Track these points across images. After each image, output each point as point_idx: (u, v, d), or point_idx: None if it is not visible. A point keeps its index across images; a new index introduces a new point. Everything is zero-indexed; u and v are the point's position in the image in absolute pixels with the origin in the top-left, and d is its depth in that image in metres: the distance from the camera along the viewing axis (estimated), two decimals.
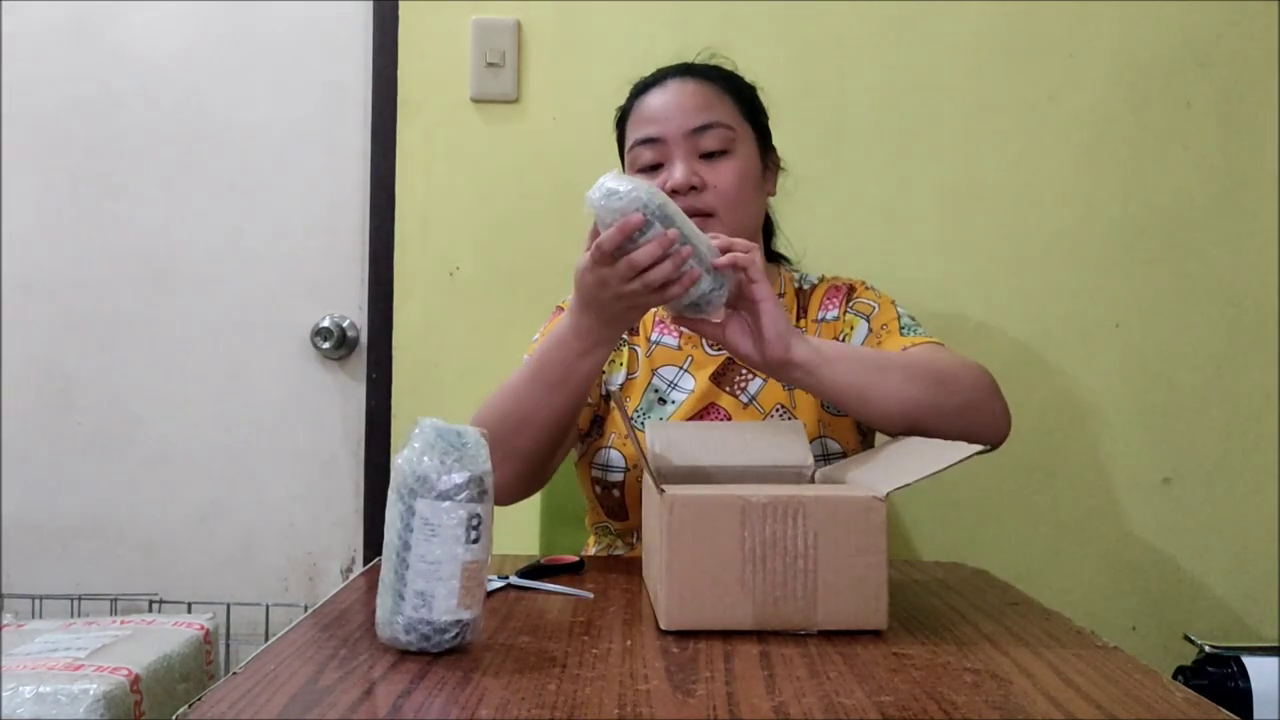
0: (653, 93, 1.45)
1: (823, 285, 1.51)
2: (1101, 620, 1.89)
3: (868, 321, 1.43)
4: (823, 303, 1.48)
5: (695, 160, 1.40)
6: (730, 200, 1.39)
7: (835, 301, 1.48)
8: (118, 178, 2.05)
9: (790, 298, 1.50)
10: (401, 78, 1.98)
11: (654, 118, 1.42)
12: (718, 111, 1.42)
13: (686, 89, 1.43)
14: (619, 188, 1.09)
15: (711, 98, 1.43)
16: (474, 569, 0.87)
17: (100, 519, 2.05)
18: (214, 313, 2.05)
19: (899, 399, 1.21)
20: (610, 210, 1.09)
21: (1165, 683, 0.85)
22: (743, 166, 1.42)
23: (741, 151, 1.42)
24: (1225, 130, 1.93)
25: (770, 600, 0.96)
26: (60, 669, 1.49)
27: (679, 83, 1.44)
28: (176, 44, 2.05)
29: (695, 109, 1.41)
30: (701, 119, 1.41)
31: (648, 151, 1.42)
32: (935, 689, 0.82)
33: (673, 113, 1.41)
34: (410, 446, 0.88)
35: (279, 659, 0.87)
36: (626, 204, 1.09)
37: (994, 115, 1.94)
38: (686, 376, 1.45)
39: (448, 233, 1.97)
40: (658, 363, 1.46)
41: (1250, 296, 1.93)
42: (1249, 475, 1.93)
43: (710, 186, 1.39)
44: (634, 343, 1.50)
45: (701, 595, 0.95)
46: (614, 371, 1.48)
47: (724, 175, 1.40)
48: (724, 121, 1.41)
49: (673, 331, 1.49)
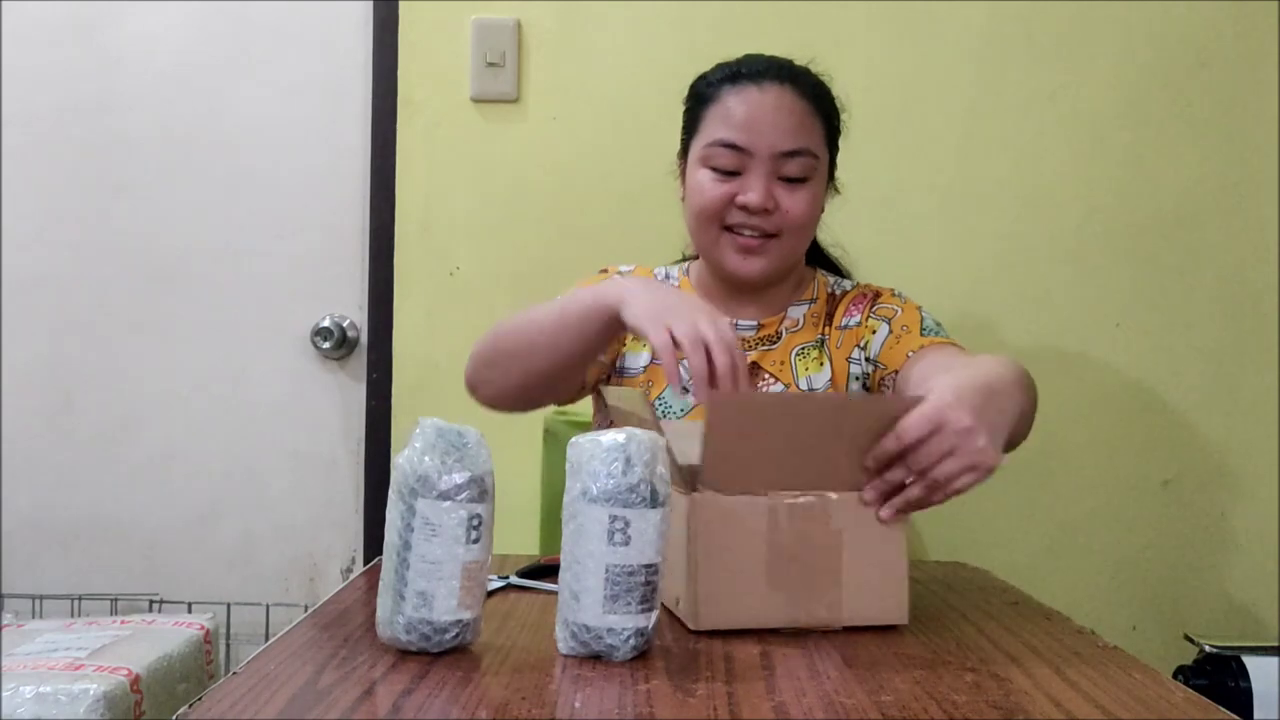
0: (749, 91, 1.39)
1: (852, 292, 1.50)
2: (1101, 620, 1.89)
3: (888, 324, 1.42)
4: (847, 309, 1.48)
5: (774, 182, 1.37)
6: (796, 227, 1.39)
7: (859, 308, 1.47)
8: (118, 178, 2.05)
9: (822, 304, 1.49)
10: (401, 78, 1.98)
11: (746, 125, 1.37)
12: (808, 137, 1.39)
13: (785, 101, 1.38)
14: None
15: (805, 118, 1.39)
16: (474, 569, 0.87)
17: (100, 519, 2.05)
18: (214, 313, 2.05)
19: (1020, 413, 1.17)
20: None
21: (1165, 683, 0.86)
22: (816, 195, 1.41)
23: (817, 180, 1.41)
24: (1225, 130, 1.93)
25: (796, 598, 0.97)
26: (60, 669, 1.49)
27: (779, 90, 1.39)
28: (176, 44, 2.05)
29: (790, 130, 1.37)
30: (793, 143, 1.37)
31: (728, 156, 1.37)
32: (935, 689, 0.82)
33: (767, 128, 1.37)
34: (411, 446, 0.88)
35: (279, 659, 0.87)
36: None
37: (994, 115, 1.94)
38: None
39: (448, 233, 1.97)
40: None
41: (1250, 296, 1.93)
42: (1249, 475, 1.93)
43: (782, 211, 1.38)
44: None
45: (730, 595, 0.96)
46: (635, 350, 1.46)
47: (798, 203, 1.38)
48: (812, 150, 1.39)
49: None
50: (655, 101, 1.93)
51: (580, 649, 0.88)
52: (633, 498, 0.86)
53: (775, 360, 1.44)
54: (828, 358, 1.45)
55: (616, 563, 0.86)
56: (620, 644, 0.87)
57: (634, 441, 0.87)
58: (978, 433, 1.00)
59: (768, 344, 1.45)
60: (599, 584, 0.86)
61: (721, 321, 1.12)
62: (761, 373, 1.44)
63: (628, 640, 0.87)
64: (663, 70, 1.94)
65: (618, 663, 0.87)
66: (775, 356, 1.45)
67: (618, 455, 0.87)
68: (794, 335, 1.46)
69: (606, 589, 0.86)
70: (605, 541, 0.86)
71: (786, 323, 1.46)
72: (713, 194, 1.38)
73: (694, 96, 1.46)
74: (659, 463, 0.88)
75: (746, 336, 1.46)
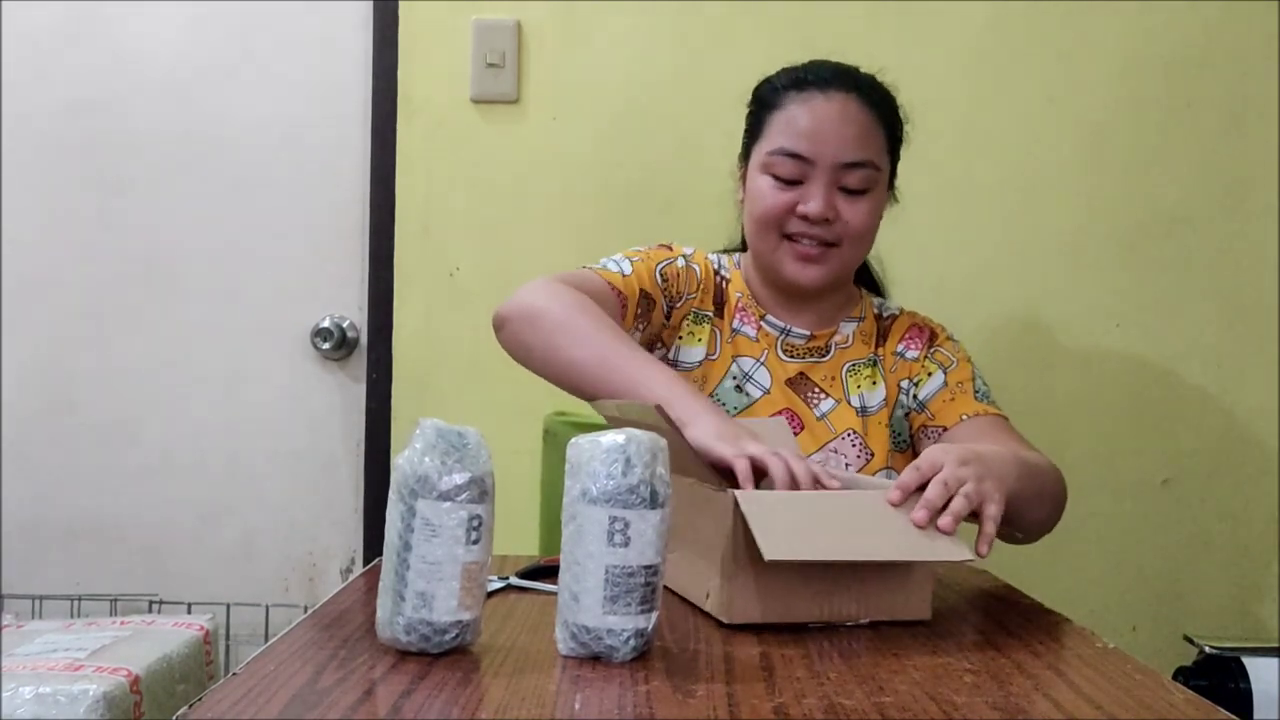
0: (814, 99, 1.39)
1: (904, 318, 1.51)
2: (1101, 620, 1.89)
3: (944, 374, 1.45)
4: (904, 338, 1.49)
5: (835, 192, 1.38)
6: (856, 237, 1.40)
7: (917, 343, 1.48)
8: (118, 178, 2.05)
9: (870, 322, 1.50)
10: (401, 78, 1.97)
11: (809, 134, 1.37)
12: (871, 148, 1.39)
13: (850, 111, 1.38)
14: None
15: (869, 129, 1.40)
16: (474, 570, 0.87)
17: (100, 519, 2.05)
18: (214, 313, 2.05)
19: (1038, 519, 1.32)
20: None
21: (1165, 683, 0.86)
22: (876, 206, 1.41)
23: (878, 191, 1.41)
24: (1225, 130, 1.93)
25: (825, 594, 0.99)
26: (60, 669, 1.49)
27: (844, 99, 1.39)
28: (177, 44, 2.05)
29: (854, 140, 1.38)
30: (856, 155, 1.37)
31: (790, 165, 1.37)
32: (935, 689, 0.82)
33: (830, 138, 1.37)
34: (411, 447, 0.88)
35: (279, 659, 0.87)
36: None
37: (994, 115, 1.94)
38: (762, 370, 1.45)
39: (448, 233, 1.97)
40: (739, 350, 1.46)
41: (1250, 296, 1.93)
42: (1249, 475, 1.93)
43: (843, 221, 1.38)
44: (718, 325, 1.47)
45: (764, 590, 0.98)
46: (690, 344, 1.46)
47: (858, 214, 1.39)
48: (874, 161, 1.39)
49: (752, 322, 1.47)
50: (655, 102, 1.94)
51: (580, 650, 0.87)
52: (632, 499, 0.86)
53: (825, 374, 1.45)
54: (882, 378, 1.46)
55: (616, 564, 0.86)
56: (620, 645, 0.87)
57: (634, 442, 0.87)
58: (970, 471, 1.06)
59: (817, 355, 1.46)
60: (599, 585, 0.86)
61: (792, 452, 1.11)
62: (810, 384, 1.44)
63: (627, 641, 0.87)
64: (663, 70, 1.94)
65: (617, 664, 0.87)
66: (825, 370, 1.45)
67: (618, 456, 0.87)
68: (844, 351, 1.47)
69: (606, 590, 0.86)
70: (605, 542, 0.86)
71: (837, 337, 1.47)
72: (773, 202, 1.38)
73: (758, 100, 1.45)
74: (659, 464, 0.88)
75: (796, 345, 1.46)
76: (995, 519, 1.05)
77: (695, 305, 1.46)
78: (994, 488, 1.06)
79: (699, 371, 1.45)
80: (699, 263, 1.48)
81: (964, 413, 1.41)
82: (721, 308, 1.48)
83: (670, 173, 1.91)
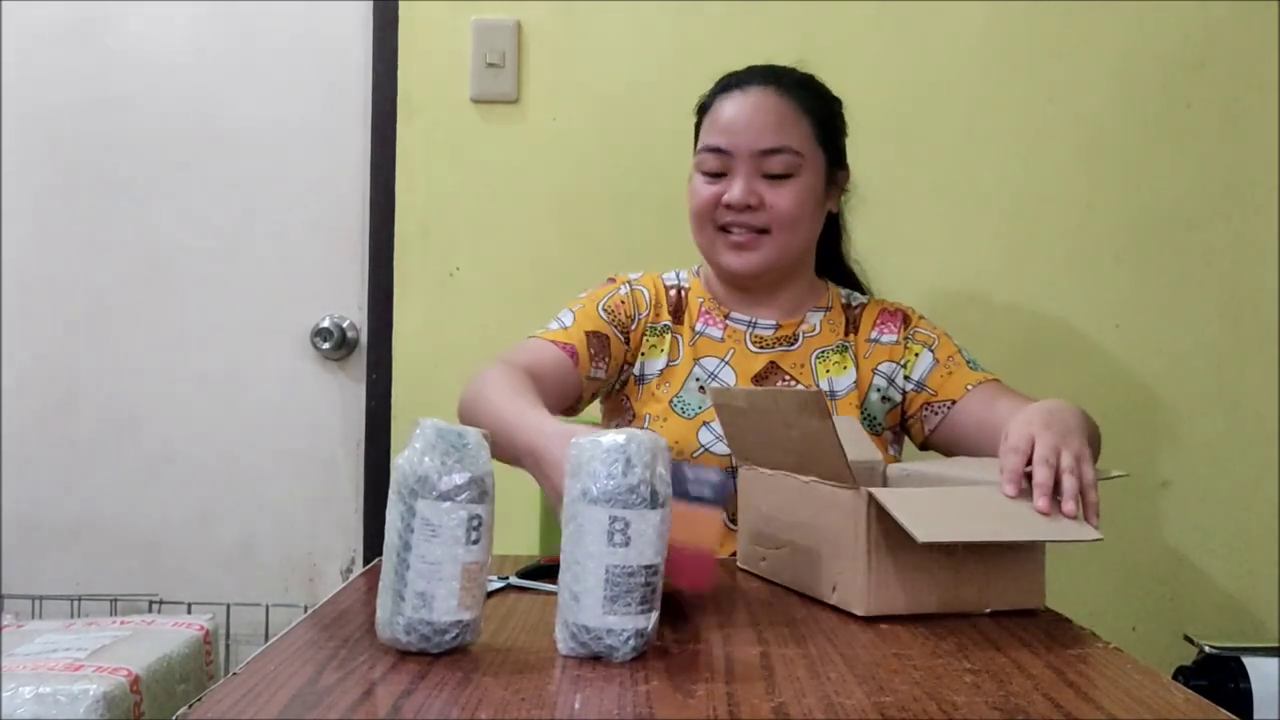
0: (733, 96, 1.46)
1: (873, 305, 1.55)
2: (1101, 620, 1.88)
3: (931, 352, 1.49)
4: (877, 324, 1.52)
5: (757, 179, 1.42)
6: (785, 222, 1.43)
7: (892, 327, 1.52)
8: (118, 178, 2.05)
9: (838, 312, 1.54)
10: (401, 78, 1.97)
11: (727, 128, 1.44)
12: (789, 134, 1.43)
13: (766, 102, 1.44)
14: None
15: (787, 117, 1.44)
16: (474, 570, 0.87)
17: (100, 519, 2.05)
18: (214, 313, 2.05)
19: (1097, 456, 1.28)
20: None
21: (1165, 683, 0.86)
22: (803, 190, 1.44)
23: (806, 175, 1.44)
24: (1225, 130, 1.93)
25: (951, 585, 1.04)
26: (60, 669, 1.49)
27: (760, 92, 1.45)
28: (177, 45, 2.05)
29: (768, 128, 1.43)
30: (770, 141, 1.42)
31: (714, 160, 1.45)
32: (935, 689, 0.82)
33: (744, 128, 1.43)
34: (411, 447, 0.88)
35: (279, 659, 0.87)
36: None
37: (994, 115, 1.94)
38: (727, 369, 1.48)
39: (448, 233, 1.97)
40: (701, 352, 1.49)
41: (1250, 296, 1.93)
42: (1249, 476, 1.93)
43: (768, 206, 1.42)
44: (678, 331, 1.52)
45: (897, 583, 1.02)
46: (653, 357, 1.50)
47: (783, 198, 1.42)
48: (792, 147, 1.43)
49: (717, 323, 1.52)
50: (655, 102, 1.94)
51: (580, 650, 0.88)
52: (633, 499, 0.86)
53: (794, 362, 1.49)
54: (853, 363, 1.49)
55: (616, 563, 0.86)
56: (620, 645, 0.87)
57: (634, 442, 0.87)
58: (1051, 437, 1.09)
59: (786, 345, 1.50)
60: (599, 585, 0.86)
61: None
62: (780, 372, 1.47)
63: (627, 641, 0.87)
64: (663, 70, 1.94)
65: (617, 663, 0.87)
66: (794, 358, 1.49)
67: (618, 456, 0.87)
68: (812, 339, 1.51)
69: (606, 590, 0.86)
70: (605, 542, 0.86)
71: (804, 327, 1.51)
72: (702, 195, 1.45)
73: (698, 110, 1.52)
74: (659, 464, 0.88)
75: (765, 336, 1.50)
76: (1094, 485, 1.09)
77: (650, 321, 1.51)
78: (1080, 446, 1.10)
79: (662, 378, 1.48)
80: (645, 284, 1.54)
81: (967, 383, 1.46)
82: (680, 315, 1.52)
83: (670, 173, 1.91)
